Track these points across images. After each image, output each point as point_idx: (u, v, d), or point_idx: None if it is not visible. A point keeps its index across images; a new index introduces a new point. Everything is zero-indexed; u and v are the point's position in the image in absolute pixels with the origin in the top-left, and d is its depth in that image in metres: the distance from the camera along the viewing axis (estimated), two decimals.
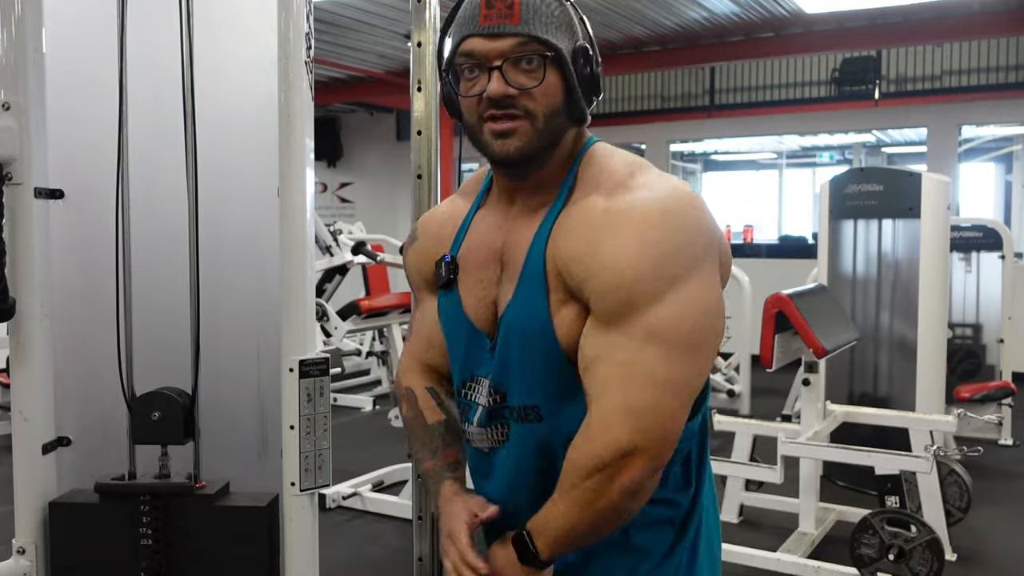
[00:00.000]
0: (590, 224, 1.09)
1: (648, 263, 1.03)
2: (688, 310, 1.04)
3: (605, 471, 1.04)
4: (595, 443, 1.05)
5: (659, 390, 1.04)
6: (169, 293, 1.63)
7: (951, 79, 8.69)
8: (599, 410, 1.06)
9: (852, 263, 4.46)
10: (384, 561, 3.58)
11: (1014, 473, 4.80)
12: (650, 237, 1.04)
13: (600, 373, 1.06)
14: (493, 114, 1.10)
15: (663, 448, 1.05)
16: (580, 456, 1.07)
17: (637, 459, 1.04)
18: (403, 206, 9.70)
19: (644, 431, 1.03)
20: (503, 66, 1.08)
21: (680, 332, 1.04)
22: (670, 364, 1.04)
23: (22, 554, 1.53)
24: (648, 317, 1.03)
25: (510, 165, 1.14)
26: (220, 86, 1.66)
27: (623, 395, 1.04)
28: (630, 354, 1.04)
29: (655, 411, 1.04)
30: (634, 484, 1.05)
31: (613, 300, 1.05)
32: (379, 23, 6.52)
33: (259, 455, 1.70)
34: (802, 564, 3.33)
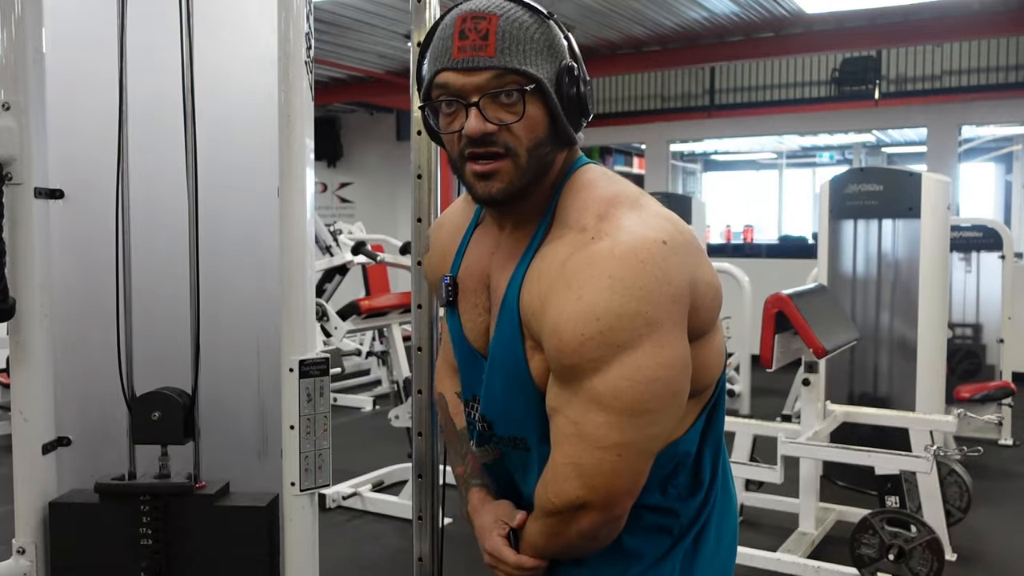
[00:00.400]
0: (548, 277, 1.06)
1: (593, 330, 0.99)
2: (635, 379, 1.00)
3: (560, 516, 1.07)
4: (549, 490, 1.07)
5: (605, 452, 1.02)
6: (169, 293, 1.63)
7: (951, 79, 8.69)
8: (554, 460, 1.07)
9: (852, 263, 4.46)
10: (384, 561, 3.58)
11: (1014, 473, 4.80)
12: (598, 303, 0.99)
13: (557, 424, 1.06)
14: (474, 153, 1.06)
15: (615, 502, 1.05)
16: (540, 496, 1.10)
17: (588, 513, 1.05)
18: (403, 206, 9.70)
19: (592, 488, 1.03)
20: (480, 102, 1.03)
21: (624, 400, 1.00)
22: (616, 429, 1.01)
23: (22, 554, 1.53)
24: (592, 383, 1.01)
25: (494, 205, 1.11)
26: (220, 85, 1.66)
27: (573, 451, 1.04)
28: (577, 414, 1.03)
29: (601, 472, 1.03)
30: (590, 531, 1.07)
31: (559, 363, 1.03)
32: (379, 23, 6.52)
33: (259, 455, 1.70)
34: (802, 564, 3.33)
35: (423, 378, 1.70)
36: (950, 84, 8.69)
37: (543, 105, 1.06)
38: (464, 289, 1.22)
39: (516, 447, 1.18)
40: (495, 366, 1.15)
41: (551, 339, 1.03)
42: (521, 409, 1.13)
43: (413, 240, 1.71)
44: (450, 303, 1.23)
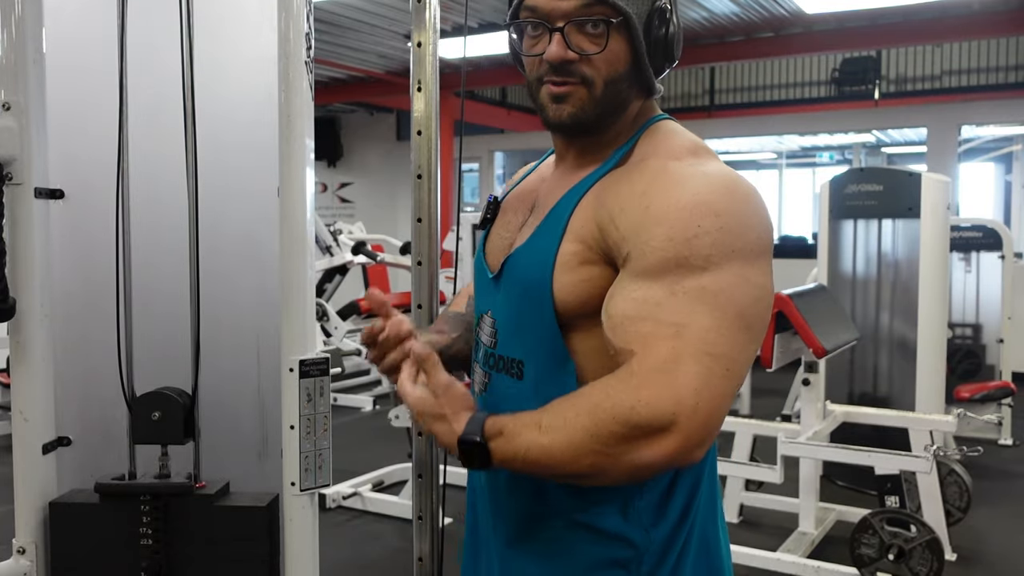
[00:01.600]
0: (647, 178, 1.00)
1: (712, 225, 0.93)
2: (747, 287, 0.93)
3: (632, 431, 0.89)
4: (635, 394, 0.89)
5: (713, 362, 0.89)
6: (169, 293, 1.63)
7: (951, 79, 8.70)
8: (644, 365, 0.90)
9: (852, 263, 4.46)
10: (384, 561, 3.58)
11: (1014, 473, 4.80)
12: (715, 203, 0.94)
13: (637, 330, 0.93)
14: (552, 79, 1.04)
15: (702, 437, 0.90)
16: (609, 399, 0.91)
17: (672, 438, 0.88)
18: (403, 206, 9.71)
19: (694, 406, 0.88)
20: (565, 28, 1.02)
21: (736, 303, 0.92)
22: (724, 336, 0.90)
23: (22, 554, 1.53)
24: (701, 281, 0.92)
25: (562, 130, 1.09)
26: (220, 85, 1.66)
27: (672, 358, 0.89)
28: (679, 315, 0.91)
29: (708, 386, 0.89)
30: (650, 467, 0.91)
31: (663, 255, 0.94)
32: (379, 23, 6.52)
33: (259, 455, 1.70)
34: (802, 564, 3.33)
35: None
36: (950, 84, 8.70)
37: (628, 41, 1.04)
38: (504, 211, 1.21)
39: (510, 372, 1.10)
40: (513, 272, 1.09)
41: (654, 228, 0.95)
42: (528, 327, 1.06)
43: (413, 240, 1.71)
44: (485, 222, 1.21)
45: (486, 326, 1.15)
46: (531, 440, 0.94)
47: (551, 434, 0.93)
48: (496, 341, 1.13)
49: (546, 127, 1.11)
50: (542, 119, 1.09)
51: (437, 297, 1.70)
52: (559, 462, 0.93)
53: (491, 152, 10.78)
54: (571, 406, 0.94)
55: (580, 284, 1.02)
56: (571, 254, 1.03)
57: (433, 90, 1.64)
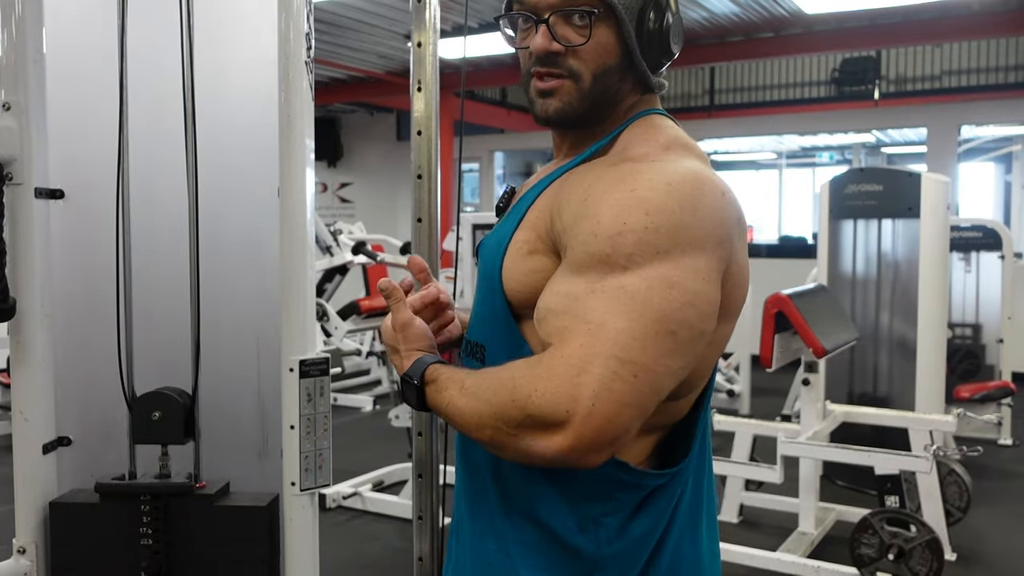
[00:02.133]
0: (597, 174, 1.00)
1: (638, 224, 0.90)
2: (668, 292, 0.89)
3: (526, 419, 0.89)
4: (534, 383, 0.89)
5: (619, 367, 0.86)
6: (169, 293, 1.63)
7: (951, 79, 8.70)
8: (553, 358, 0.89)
9: (852, 263, 4.46)
10: (384, 561, 3.58)
11: (1014, 473, 4.80)
12: (648, 200, 0.92)
13: (556, 324, 0.92)
14: (539, 71, 1.04)
15: (596, 441, 0.86)
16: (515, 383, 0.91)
17: (561, 437, 0.86)
18: (403, 206, 9.71)
19: (589, 409, 0.85)
20: (550, 19, 1.01)
21: (654, 309, 0.88)
22: (639, 343, 0.87)
23: (22, 554, 1.53)
24: (621, 280, 0.89)
25: (550, 125, 1.08)
26: (220, 86, 1.66)
27: (582, 353, 0.87)
28: (594, 313, 0.89)
29: (608, 390, 0.85)
30: (541, 457, 0.89)
31: (586, 249, 0.92)
32: (379, 23, 6.52)
33: (259, 455, 1.70)
34: (802, 564, 3.34)
35: None
36: (950, 84, 8.70)
37: (616, 32, 1.03)
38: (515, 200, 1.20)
39: (475, 356, 1.10)
40: (482, 262, 1.09)
41: (585, 223, 0.94)
42: (488, 311, 1.07)
43: (413, 240, 1.71)
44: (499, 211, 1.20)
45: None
46: (451, 397, 0.98)
47: (466, 398, 0.96)
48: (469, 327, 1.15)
49: (536, 122, 1.10)
50: (532, 114, 1.08)
51: None
52: (465, 426, 0.97)
53: (491, 152, 10.78)
54: (490, 377, 0.96)
55: (528, 274, 1.01)
56: (522, 242, 1.03)
57: (433, 90, 1.64)
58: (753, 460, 3.81)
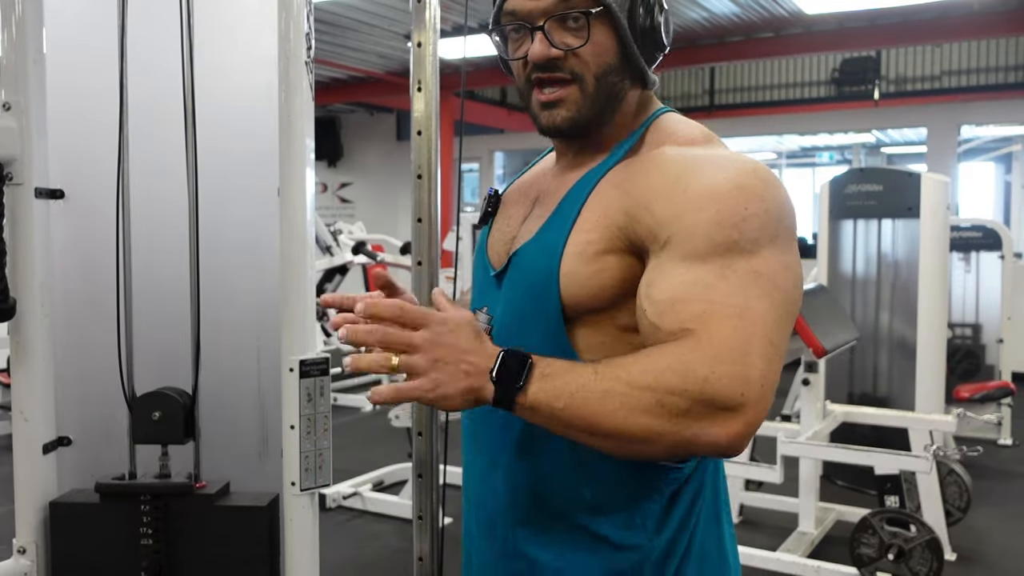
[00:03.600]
0: (677, 163, 0.98)
1: (759, 208, 0.92)
2: (788, 270, 0.92)
3: (700, 403, 0.84)
4: (708, 367, 0.84)
5: (773, 350, 0.87)
6: (169, 293, 1.63)
7: (951, 79, 8.70)
8: (714, 339, 0.86)
9: (852, 263, 4.46)
10: (384, 561, 3.58)
11: (1014, 473, 4.80)
12: (755, 186, 0.94)
13: (692, 311, 0.88)
14: (540, 79, 1.03)
15: (758, 424, 0.86)
16: (683, 366, 0.85)
17: (736, 420, 0.84)
18: (403, 206, 9.71)
19: (759, 393, 0.84)
20: (546, 25, 1.00)
21: (783, 288, 0.90)
22: (778, 323, 0.88)
23: (22, 554, 1.53)
24: (753, 262, 0.90)
25: (559, 135, 1.07)
26: (220, 86, 1.66)
27: (742, 338, 0.86)
28: (736, 297, 0.88)
29: (771, 373, 0.86)
30: (709, 444, 0.85)
31: (712, 239, 0.91)
32: (379, 23, 6.52)
33: (259, 455, 1.70)
34: (802, 564, 3.34)
35: None
36: (950, 84, 8.70)
37: (612, 31, 1.02)
38: (505, 205, 1.19)
39: None
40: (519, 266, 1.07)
41: (701, 213, 0.92)
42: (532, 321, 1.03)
43: (413, 240, 1.71)
44: (486, 216, 1.20)
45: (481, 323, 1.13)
46: (583, 382, 0.87)
47: (609, 383, 0.86)
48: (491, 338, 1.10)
49: (542, 134, 1.09)
50: (536, 126, 1.07)
51: None
52: (609, 415, 0.85)
53: (491, 152, 10.78)
54: (634, 362, 0.87)
55: (595, 275, 0.98)
56: (586, 243, 0.99)
57: (433, 90, 1.64)
58: (753, 460, 3.81)
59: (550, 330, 1.01)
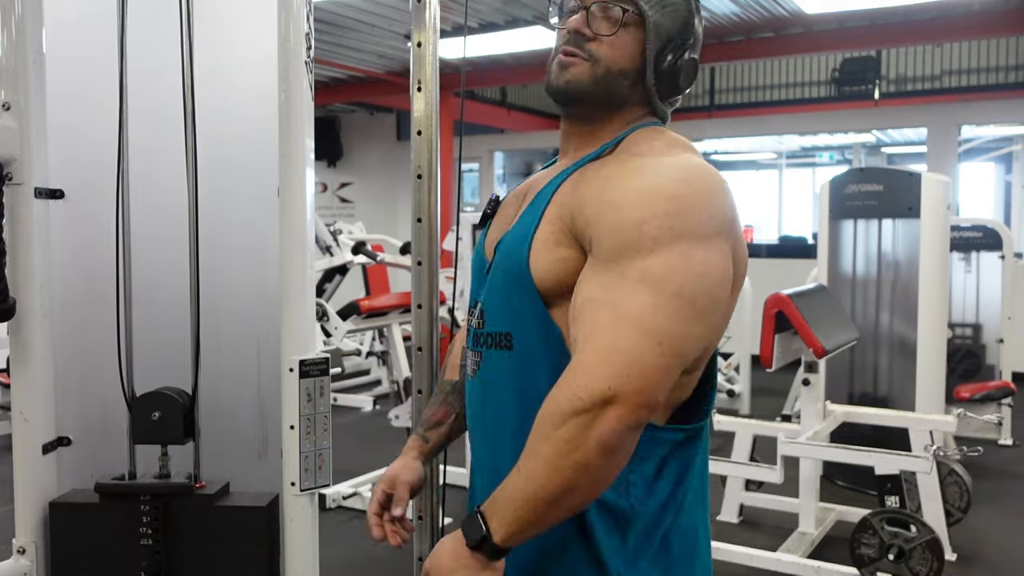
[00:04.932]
0: (612, 170, 1.09)
1: (661, 209, 1.00)
2: (689, 266, 0.99)
3: (582, 416, 0.95)
4: (573, 386, 0.97)
5: (647, 337, 0.96)
6: (169, 293, 1.63)
7: (951, 79, 8.70)
8: (582, 354, 0.98)
9: (852, 263, 4.46)
10: (384, 561, 3.58)
11: (1014, 473, 4.80)
12: (666, 189, 1.02)
13: (588, 317, 1.00)
14: (566, 49, 1.15)
15: (644, 402, 0.96)
16: (555, 402, 0.98)
17: (615, 408, 0.95)
18: (403, 206, 9.70)
19: (626, 378, 0.95)
20: (591, 8, 1.14)
21: (677, 282, 0.98)
22: (663, 312, 0.97)
23: (22, 554, 1.53)
24: (646, 262, 0.99)
25: (556, 95, 1.16)
26: (220, 86, 1.66)
27: (609, 338, 0.97)
28: (622, 297, 0.99)
29: (639, 360, 0.96)
30: (613, 437, 0.95)
31: (614, 241, 1.02)
32: (379, 23, 6.52)
33: (259, 455, 1.70)
34: (802, 564, 3.33)
35: (423, 378, 1.70)
36: (950, 84, 8.70)
37: (639, 43, 1.14)
38: (503, 207, 1.28)
39: (499, 346, 1.15)
40: (502, 253, 1.16)
41: (609, 215, 1.03)
42: (514, 299, 1.12)
43: (413, 240, 1.71)
44: (484, 218, 1.30)
45: (475, 314, 1.22)
46: (514, 484, 1.00)
47: (524, 465, 0.99)
48: (483, 322, 1.18)
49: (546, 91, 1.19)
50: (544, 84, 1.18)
51: (437, 297, 1.70)
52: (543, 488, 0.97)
53: (491, 152, 10.78)
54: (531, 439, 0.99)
55: (556, 263, 1.08)
56: (548, 234, 1.10)
57: (433, 90, 1.64)
58: (753, 460, 3.81)
59: (530, 306, 1.10)
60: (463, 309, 4.73)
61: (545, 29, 6.17)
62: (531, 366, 1.11)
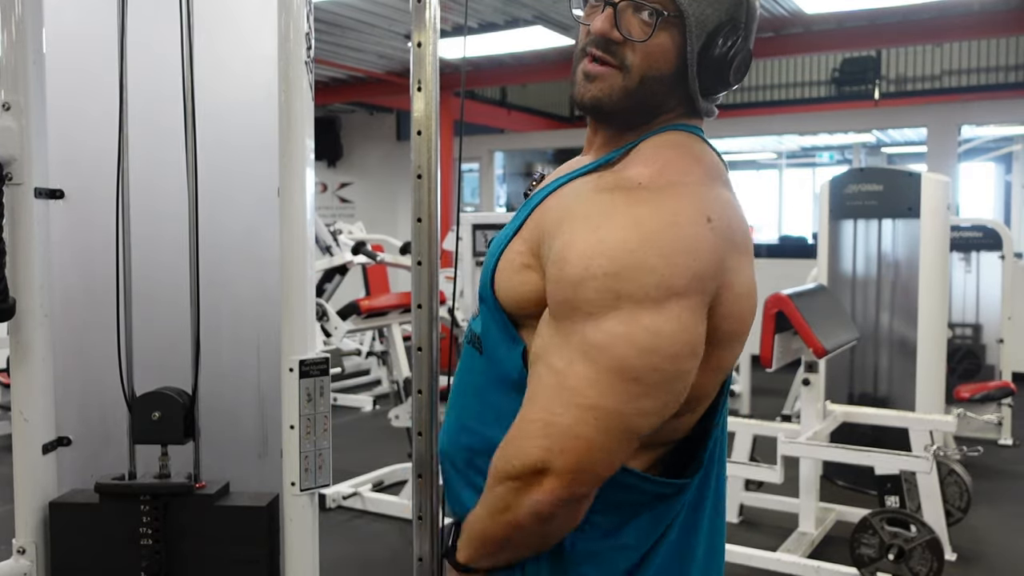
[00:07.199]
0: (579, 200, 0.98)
1: (599, 269, 0.89)
2: (629, 337, 0.88)
3: (514, 482, 0.93)
4: (508, 448, 0.95)
5: (583, 412, 0.90)
6: (169, 293, 1.63)
7: (951, 79, 8.71)
8: (522, 417, 0.95)
9: (852, 263, 4.46)
10: (384, 561, 3.58)
11: (1014, 473, 4.80)
12: (611, 243, 0.90)
13: (536, 372, 0.96)
14: (593, 53, 1.00)
15: (581, 477, 0.91)
16: (499, 458, 0.96)
17: (547, 481, 0.91)
18: (403, 206, 9.71)
19: (559, 452, 0.90)
20: (619, 5, 0.98)
21: (612, 357, 0.89)
22: (597, 388, 0.89)
23: (22, 554, 1.53)
24: (584, 329, 0.90)
25: (583, 109, 1.04)
26: (220, 86, 1.66)
27: (547, 406, 0.92)
28: (563, 363, 0.92)
29: (572, 435, 0.90)
30: (545, 508, 0.92)
31: (558, 295, 0.94)
32: (379, 23, 6.52)
33: (259, 455, 1.70)
34: (802, 564, 3.33)
35: (423, 378, 1.70)
36: (950, 84, 8.70)
37: (679, 43, 0.99)
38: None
39: (475, 346, 1.12)
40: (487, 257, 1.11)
41: (553, 267, 0.94)
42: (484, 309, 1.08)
43: (413, 240, 1.71)
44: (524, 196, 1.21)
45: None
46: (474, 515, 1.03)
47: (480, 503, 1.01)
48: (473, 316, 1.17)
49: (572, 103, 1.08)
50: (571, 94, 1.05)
51: (437, 297, 1.69)
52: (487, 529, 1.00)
53: (491, 152, 10.78)
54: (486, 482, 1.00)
55: (519, 285, 1.01)
56: (516, 253, 1.03)
57: (433, 90, 1.64)
58: (753, 460, 3.81)
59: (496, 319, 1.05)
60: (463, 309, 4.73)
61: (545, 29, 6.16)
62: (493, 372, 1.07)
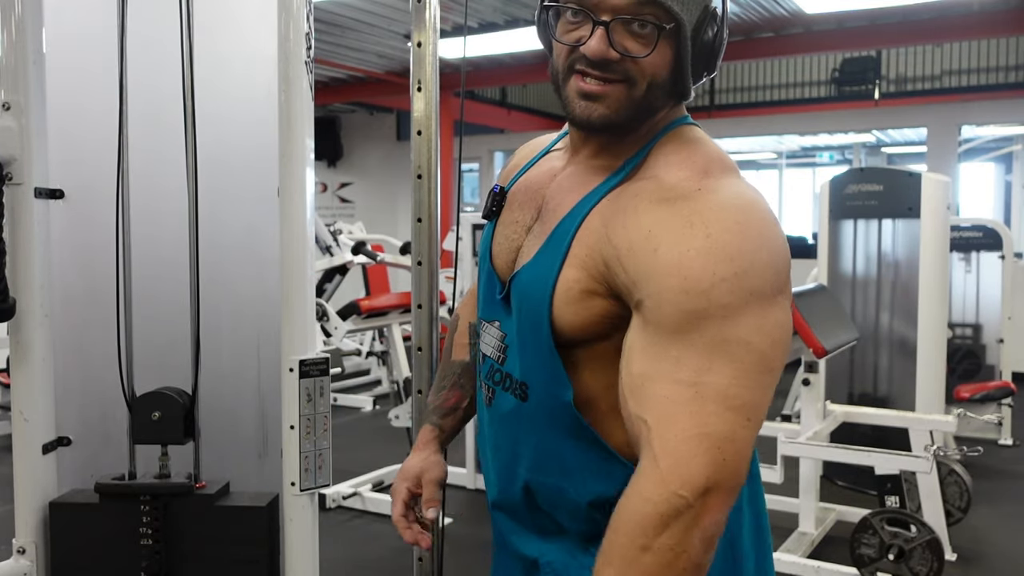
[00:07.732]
0: (653, 212, 0.94)
1: (728, 271, 0.88)
2: (765, 330, 0.90)
3: (685, 515, 0.86)
4: (669, 484, 0.86)
5: (736, 414, 0.88)
6: (169, 293, 1.63)
7: (951, 79, 8.71)
8: (666, 443, 0.88)
9: (852, 263, 4.46)
10: (384, 561, 3.58)
11: (1014, 473, 4.80)
12: (730, 246, 0.89)
13: (656, 394, 0.89)
14: (585, 72, 0.97)
15: (739, 483, 0.89)
16: (649, 504, 0.87)
17: (717, 497, 0.87)
18: (403, 206, 9.71)
19: (722, 463, 0.87)
20: (611, 24, 0.94)
21: (757, 352, 0.89)
22: (747, 386, 0.88)
23: (22, 554, 1.53)
24: (721, 331, 0.88)
25: (591, 130, 1.02)
26: (220, 85, 1.66)
27: (695, 421, 0.87)
28: (696, 372, 0.88)
29: (732, 441, 0.87)
30: (715, 528, 0.88)
31: (679, 308, 0.89)
32: (379, 23, 6.53)
33: (259, 455, 1.70)
34: (802, 564, 3.33)
35: (423, 378, 1.70)
36: (950, 84, 8.71)
37: (674, 48, 0.98)
38: (511, 204, 1.15)
39: (514, 393, 1.07)
40: (521, 291, 1.04)
41: (667, 281, 0.90)
42: (530, 347, 1.02)
43: (413, 240, 1.71)
44: (491, 214, 1.16)
45: (492, 338, 1.12)
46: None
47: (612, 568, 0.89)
48: (505, 357, 1.09)
49: (570, 123, 1.05)
50: (566, 113, 1.01)
51: (437, 297, 1.70)
52: None
53: (491, 152, 10.78)
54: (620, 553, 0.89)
55: (582, 311, 0.98)
56: (573, 281, 0.98)
57: (433, 90, 1.64)
58: None
59: (546, 358, 1.01)
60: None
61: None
62: (546, 421, 1.03)
